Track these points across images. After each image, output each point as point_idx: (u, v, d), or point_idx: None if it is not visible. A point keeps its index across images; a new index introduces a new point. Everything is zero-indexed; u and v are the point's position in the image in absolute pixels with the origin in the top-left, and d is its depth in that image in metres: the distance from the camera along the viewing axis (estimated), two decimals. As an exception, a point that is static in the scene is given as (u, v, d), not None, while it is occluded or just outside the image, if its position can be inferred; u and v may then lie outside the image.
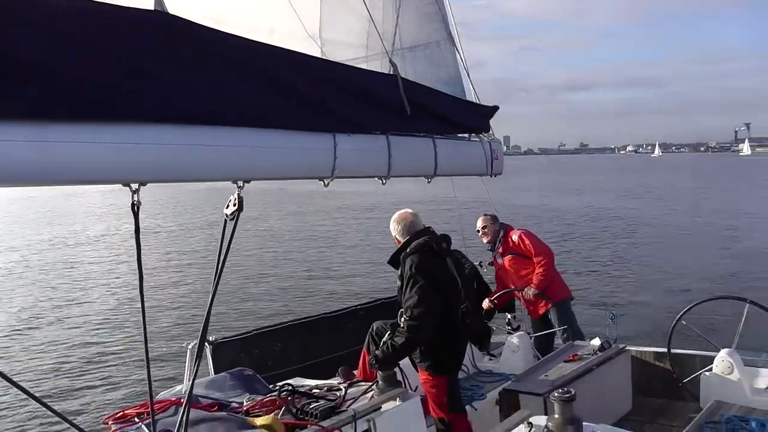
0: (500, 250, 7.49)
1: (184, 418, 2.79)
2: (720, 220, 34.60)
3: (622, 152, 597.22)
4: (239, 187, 2.85)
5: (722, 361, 5.55)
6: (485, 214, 7.66)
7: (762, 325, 6.29)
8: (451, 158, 4.12)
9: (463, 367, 6.37)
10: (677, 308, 6.21)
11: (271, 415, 3.86)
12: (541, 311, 7.36)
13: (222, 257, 2.79)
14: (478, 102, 4.62)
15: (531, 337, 6.87)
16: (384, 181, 3.63)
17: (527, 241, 7.35)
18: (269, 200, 48.79)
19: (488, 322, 7.33)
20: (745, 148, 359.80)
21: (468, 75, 4.73)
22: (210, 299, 2.77)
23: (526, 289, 7.26)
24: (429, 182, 4.06)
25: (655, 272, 19.92)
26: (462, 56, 4.75)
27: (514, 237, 7.39)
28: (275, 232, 33.17)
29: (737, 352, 5.61)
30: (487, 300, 7.25)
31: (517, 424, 3.49)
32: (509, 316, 7.56)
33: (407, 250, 4.72)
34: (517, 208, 37.35)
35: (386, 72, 3.80)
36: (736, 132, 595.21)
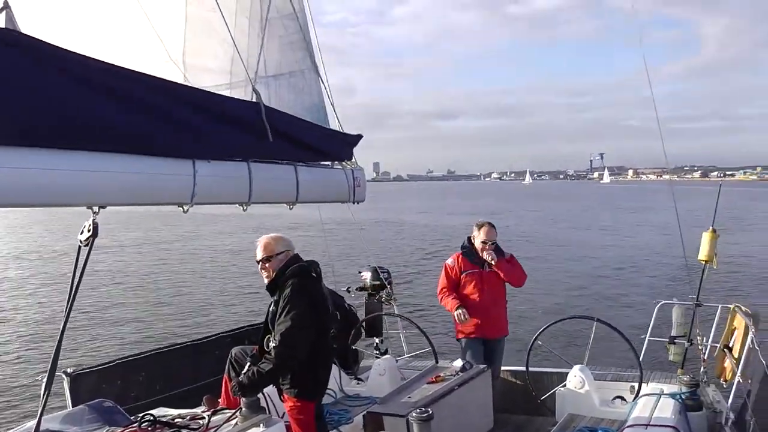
0: (498, 266, 6.90)
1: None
2: (581, 241, 36.65)
3: (487, 179, 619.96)
4: (94, 212, 2.80)
5: (574, 376, 5.86)
6: (491, 225, 7.09)
7: (609, 341, 6.72)
8: (314, 185, 4.18)
9: (330, 392, 6.38)
10: (536, 328, 6.51)
11: (128, 448, 3.76)
12: (498, 335, 7.05)
13: (75, 284, 2.72)
14: (341, 130, 4.71)
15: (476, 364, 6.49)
16: (245, 208, 3.65)
17: (518, 263, 7.12)
18: (129, 224, 47.19)
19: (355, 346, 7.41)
20: (605, 177, 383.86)
21: (332, 103, 4.82)
22: (62, 327, 2.69)
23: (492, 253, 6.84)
24: (291, 209, 4.10)
25: (517, 293, 20.66)
26: (326, 85, 4.85)
27: (507, 255, 7.07)
28: (134, 258, 32.02)
29: (588, 368, 5.94)
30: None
31: None
32: (377, 340, 7.65)
33: (286, 274, 4.66)
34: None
35: (249, 99, 3.83)
36: (591, 161, 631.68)
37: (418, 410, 3.50)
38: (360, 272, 8.33)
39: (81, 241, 2.76)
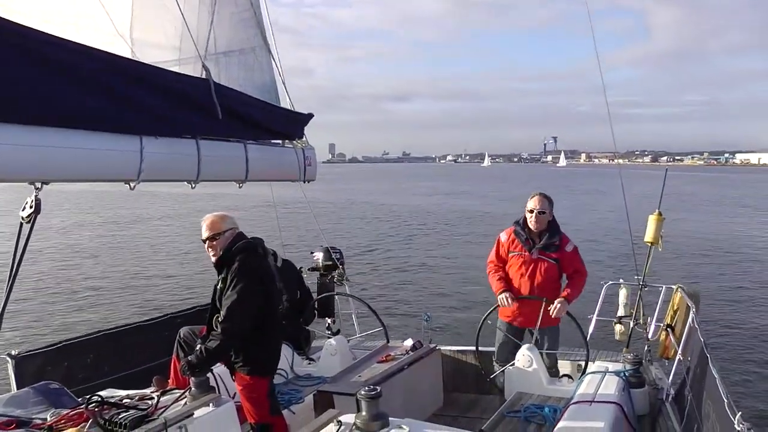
0: (553, 254, 6.24)
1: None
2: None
3: (442, 161, 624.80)
4: (37, 188, 2.74)
5: (523, 356, 5.95)
6: (543, 195, 6.34)
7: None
8: (263, 164, 4.15)
9: (282, 372, 6.38)
10: (486, 307, 6.54)
11: (77, 427, 3.69)
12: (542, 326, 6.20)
13: (17, 262, 2.66)
14: (292, 109, 4.68)
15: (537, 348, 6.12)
16: (193, 185, 3.61)
17: (579, 257, 6.36)
18: (75, 202, 46.27)
19: (308, 326, 7.41)
20: (561, 161, 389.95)
21: (283, 82, 4.79)
22: (1, 307, 2.63)
23: (560, 303, 6.00)
24: (240, 187, 4.07)
25: (470, 272, 20.85)
26: (278, 63, 4.79)
27: (570, 247, 6.29)
28: (81, 238, 31.40)
29: (536, 347, 6.02)
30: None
31: (326, 424, 3.57)
32: (329, 320, 7.65)
33: (233, 250, 4.62)
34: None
35: (199, 76, 3.78)
36: (545, 144, 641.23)
37: (366, 388, 3.51)
38: (312, 252, 8.32)
39: (23, 218, 2.70)
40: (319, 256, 8.10)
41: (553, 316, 6.04)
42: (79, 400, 4.54)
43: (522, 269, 6.25)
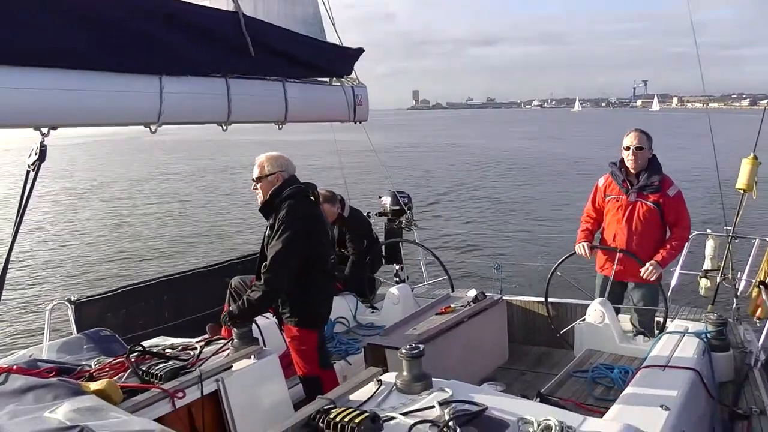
0: (651, 197, 5.56)
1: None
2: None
3: (528, 107, 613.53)
4: (43, 134, 2.55)
5: (594, 310, 5.60)
6: (641, 130, 5.67)
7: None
8: (305, 103, 3.87)
9: (343, 321, 6.25)
10: (559, 257, 6.17)
11: (106, 379, 3.59)
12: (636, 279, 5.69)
13: (22, 209, 2.50)
14: (339, 44, 4.33)
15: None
16: (224, 127, 3.36)
17: (683, 205, 5.65)
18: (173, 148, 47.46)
19: (374, 274, 7.22)
20: (654, 105, 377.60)
21: (330, 15, 4.41)
22: (8, 251, 2.49)
23: (653, 267, 5.41)
24: (280, 128, 3.80)
25: (543, 220, 20.31)
26: (323, -7, 4.43)
27: (673, 191, 5.57)
28: (147, 187, 32.30)
29: (608, 302, 5.66)
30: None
31: (366, 382, 3.33)
32: (397, 267, 7.43)
33: (282, 195, 4.40)
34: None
35: (226, 9, 3.49)
36: (634, 88, 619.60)
37: (408, 346, 3.24)
38: (380, 197, 8.11)
39: (29, 165, 2.52)
40: (386, 200, 7.91)
41: (644, 277, 5.43)
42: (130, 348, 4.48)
43: (618, 214, 5.67)
